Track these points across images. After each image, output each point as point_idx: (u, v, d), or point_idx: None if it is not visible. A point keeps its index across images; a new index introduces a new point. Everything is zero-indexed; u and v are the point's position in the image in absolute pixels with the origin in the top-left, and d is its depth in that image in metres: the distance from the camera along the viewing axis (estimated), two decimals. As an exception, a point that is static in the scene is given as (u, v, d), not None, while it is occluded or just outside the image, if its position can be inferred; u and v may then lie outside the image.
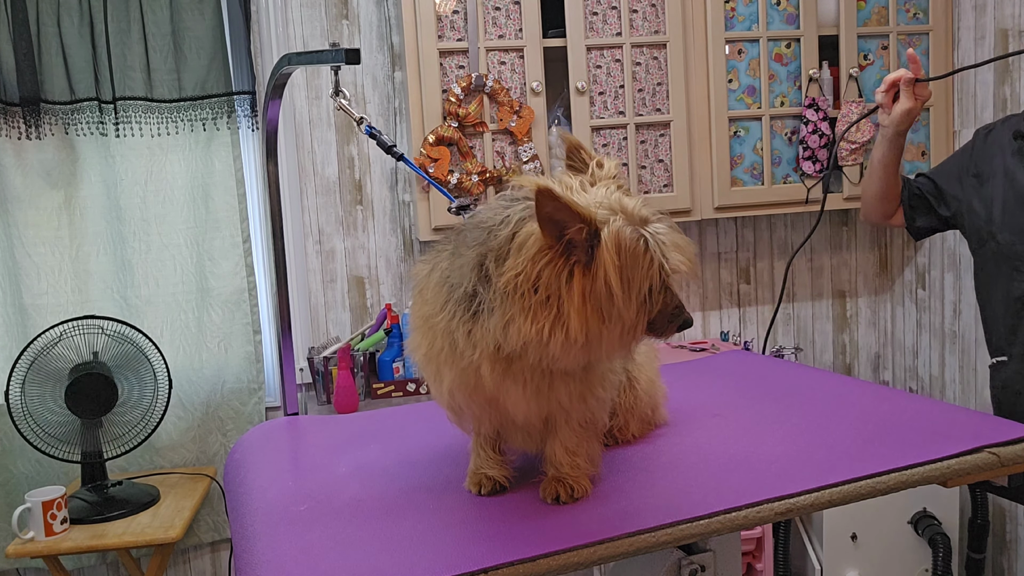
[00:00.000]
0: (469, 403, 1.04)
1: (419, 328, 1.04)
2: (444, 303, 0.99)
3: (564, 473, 1.06)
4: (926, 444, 1.13)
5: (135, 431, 2.50)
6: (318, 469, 1.24)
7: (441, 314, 0.99)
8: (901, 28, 2.86)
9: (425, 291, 1.04)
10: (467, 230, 1.01)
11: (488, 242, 0.95)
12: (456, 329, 0.98)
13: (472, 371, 0.99)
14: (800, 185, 2.85)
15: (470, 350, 0.97)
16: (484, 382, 0.99)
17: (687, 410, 1.39)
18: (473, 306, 0.96)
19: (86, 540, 2.26)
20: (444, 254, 1.04)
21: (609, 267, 0.90)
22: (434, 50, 2.58)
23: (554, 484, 1.06)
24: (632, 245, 0.92)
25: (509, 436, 1.12)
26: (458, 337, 0.98)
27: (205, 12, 2.63)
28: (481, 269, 0.95)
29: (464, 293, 0.97)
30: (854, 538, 2.68)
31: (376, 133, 1.34)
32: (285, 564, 0.93)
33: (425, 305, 1.03)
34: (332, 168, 2.86)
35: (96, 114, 2.61)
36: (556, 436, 1.08)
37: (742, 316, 3.22)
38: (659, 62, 2.74)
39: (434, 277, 1.03)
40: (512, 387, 0.99)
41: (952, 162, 2.07)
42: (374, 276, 2.92)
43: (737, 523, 0.99)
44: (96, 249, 2.67)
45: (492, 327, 0.94)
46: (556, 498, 1.05)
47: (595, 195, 0.96)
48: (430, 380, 1.06)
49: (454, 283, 0.99)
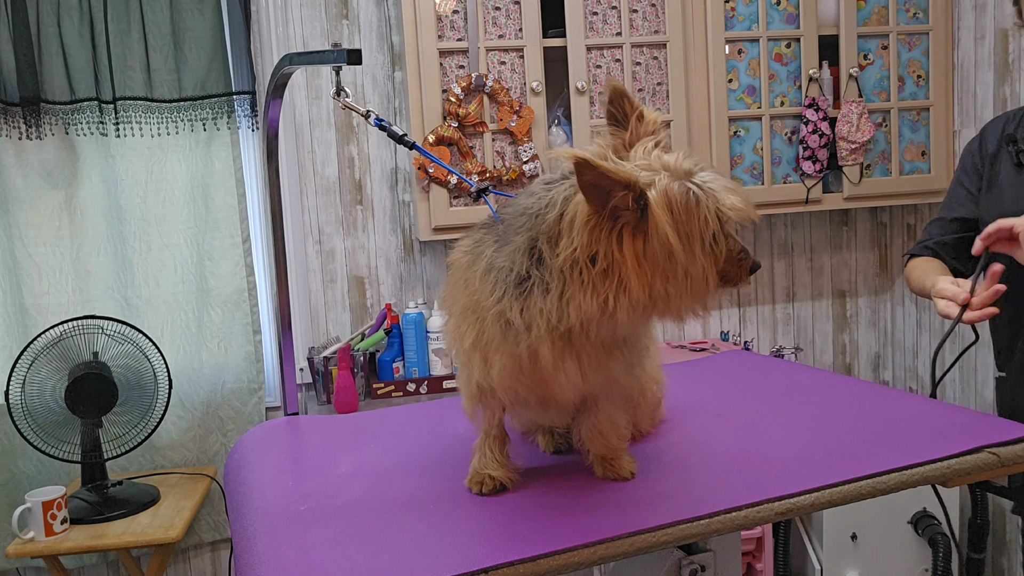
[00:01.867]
0: (516, 385, 1.04)
1: (465, 317, 1.04)
2: (493, 289, 1.00)
3: (612, 446, 1.11)
4: (926, 444, 1.13)
5: (135, 431, 2.50)
6: (318, 469, 1.24)
7: (491, 300, 1.00)
8: (901, 28, 2.86)
9: (471, 281, 1.04)
10: (510, 219, 1.02)
11: (537, 226, 0.96)
12: (509, 313, 0.98)
13: (528, 353, 0.99)
14: (800, 185, 2.85)
15: (525, 333, 0.98)
16: (543, 362, 0.99)
17: (687, 410, 1.39)
18: (526, 288, 0.97)
19: (86, 540, 2.26)
20: (487, 244, 1.04)
21: (665, 226, 0.90)
22: (434, 50, 2.58)
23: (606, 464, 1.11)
24: (683, 199, 0.92)
25: (538, 418, 1.14)
26: (513, 319, 0.98)
27: (205, 12, 2.63)
28: (533, 252, 0.97)
29: (517, 277, 0.98)
30: (854, 538, 2.68)
31: (386, 124, 1.33)
32: (285, 564, 0.93)
33: (472, 294, 1.03)
34: (332, 168, 2.86)
35: (96, 114, 2.61)
36: (597, 413, 1.10)
37: (742, 316, 3.22)
38: (659, 62, 2.74)
39: (480, 266, 1.03)
40: (571, 364, 1.00)
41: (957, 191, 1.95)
42: (374, 276, 2.92)
43: (737, 523, 0.99)
44: (96, 249, 2.67)
45: (548, 307, 0.95)
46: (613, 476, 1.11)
47: (634, 158, 0.96)
48: (476, 367, 1.05)
49: (505, 270, 0.99)
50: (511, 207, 1.04)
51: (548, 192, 0.98)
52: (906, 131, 2.90)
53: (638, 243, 0.91)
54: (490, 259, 1.01)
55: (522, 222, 0.99)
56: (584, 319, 0.94)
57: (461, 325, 1.05)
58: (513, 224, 1.01)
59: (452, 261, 1.11)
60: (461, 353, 1.07)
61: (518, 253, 0.98)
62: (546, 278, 0.95)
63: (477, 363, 1.04)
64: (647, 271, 0.91)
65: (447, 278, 1.14)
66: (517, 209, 1.02)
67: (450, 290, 1.10)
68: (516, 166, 2.64)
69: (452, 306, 1.08)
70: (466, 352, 1.05)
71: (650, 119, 1.00)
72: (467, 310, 1.04)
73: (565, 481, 1.12)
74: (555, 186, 0.98)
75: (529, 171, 2.64)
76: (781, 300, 3.25)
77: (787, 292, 3.25)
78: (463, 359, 1.08)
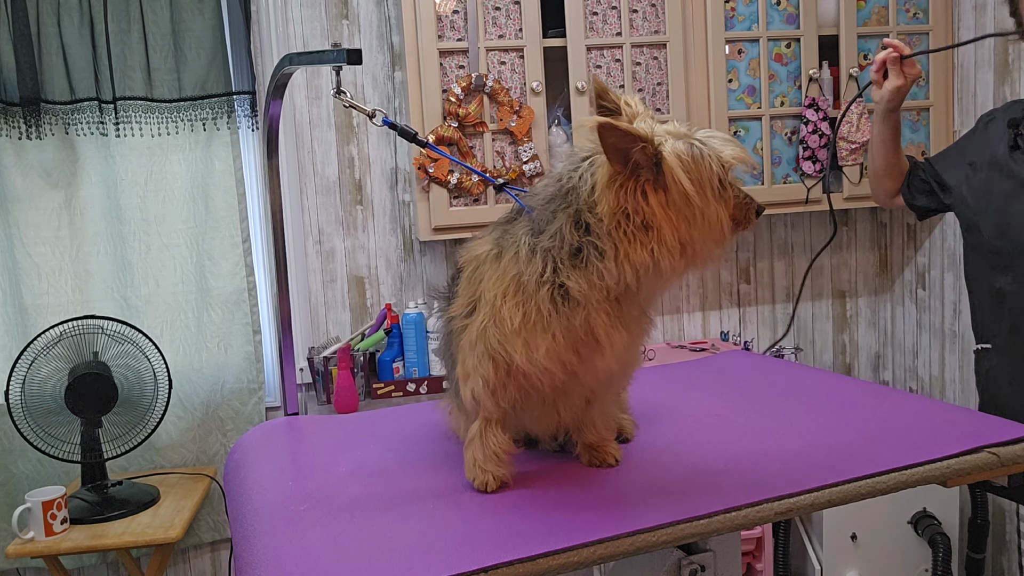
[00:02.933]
0: (557, 366, 1.06)
1: (507, 302, 1.06)
2: (543, 268, 1.04)
3: (601, 436, 1.18)
4: (926, 444, 1.13)
5: (135, 431, 2.50)
6: (318, 469, 1.24)
7: (545, 276, 1.04)
8: (901, 28, 2.86)
9: (508, 268, 1.06)
10: (540, 206, 1.07)
11: (576, 201, 1.03)
12: (569, 282, 1.03)
13: (584, 326, 1.05)
14: (800, 185, 2.85)
15: (583, 303, 1.04)
16: (598, 331, 1.05)
17: (687, 410, 1.39)
18: (582, 258, 1.03)
19: (86, 540, 2.26)
20: (518, 234, 1.07)
21: (679, 174, 1.00)
22: (434, 50, 2.58)
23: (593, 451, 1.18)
24: (690, 151, 1.02)
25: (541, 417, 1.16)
26: (572, 287, 1.03)
27: (205, 12, 2.63)
28: (579, 225, 1.03)
29: (570, 249, 1.03)
30: (854, 538, 2.68)
31: (395, 123, 1.33)
32: (285, 564, 0.93)
33: (512, 279, 1.06)
34: (332, 168, 2.86)
35: (96, 114, 2.61)
36: (595, 404, 1.17)
37: (742, 316, 3.22)
38: (659, 62, 2.74)
39: (520, 252, 1.06)
40: (619, 334, 1.07)
41: (953, 148, 2.11)
42: (374, 276, 2.92)
43: (737, 523, 0.99)
44: (96, 249, 2.67)
45: (607, 268, 1.02)
46: (599, 463, 1.18)
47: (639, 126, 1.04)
48: (515, 351, 1.06)
49: (556, 248, 1.04)
50: (536, 196, 1.09)
51: (574, 172, 1.05)
52: (906, 131, 2.90)
53: (660, 195, 1.00)
54: (531, 244, 1.06)
55: (557, 203, 1.05)
56: (640, 274, 1.02)
57: (503, 310, 1.06)
58: (547, 209, 1.06)
59: (472, 258, 1.12)
60: (493, 341, 1.07)
61: (565, 228, 1.04)
62: (598, 244, 1.02)
63: (520, 347, 1.05)
64: (672, 218, 1.00)
65: (463, 275, 1.13)
66: (545, 196, 1.07)
67: (472, 284, 1.11)
68: (516, 166, 2.64)
69: (475, 299, 1.10)
70: (507, 337, 1.06)
71: (636, 102, 1.11)
72: (507, 295, 1.06)
73: (564, 481, 1.13)
74: (579, 167, 1.05)
75: (529, 171, 2.64)
76: (781, 300, 3.25)
77: (787, 292, 3.25)
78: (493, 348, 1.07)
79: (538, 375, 1.07)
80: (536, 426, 1.20)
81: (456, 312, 1.14)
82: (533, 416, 1.16)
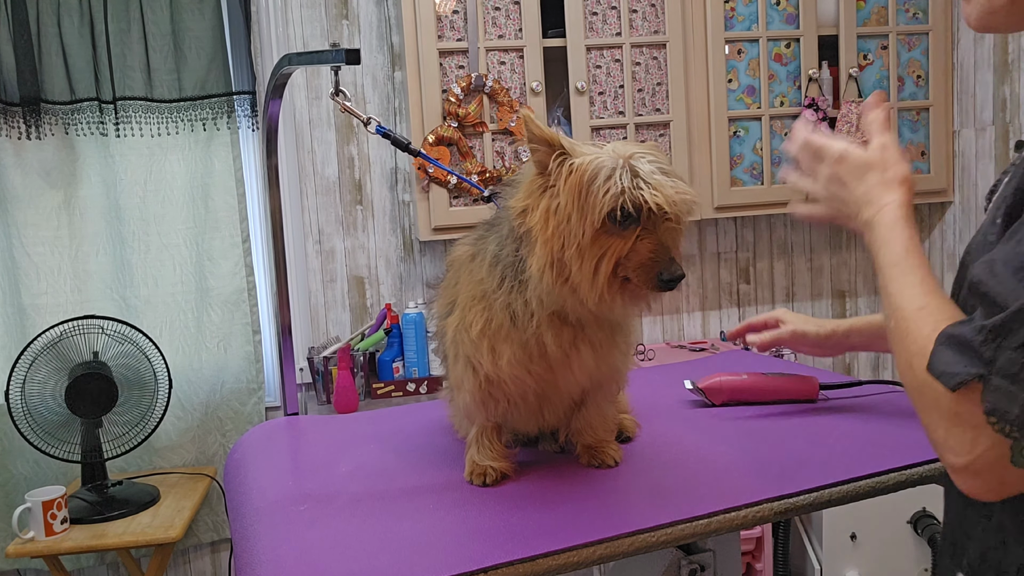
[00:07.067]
0: (524, 375, 1.05)
1: (471, 307, 1.06)
2: (501, 280, 1.02)
3: (600, 438, 1.15)
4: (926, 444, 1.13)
5: (135, 431, 2.50)
6: (318, 469, 1.24)
7: (500, 291, 1.03)
8: (901, 28, 2.86)
9: (475, 272, 1.06)
10: (502, 212, 1.05)
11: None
12: (515, 302, 1.02)
13: (534, 341, 1.02)
14: (800, 185, 2.85)
15: (530, 321, 1.01)
16: (548, 350, 1.02)
17: (687, 410, 1.39)
18: (526, 271, 0.99)
19: (86, 540, 2.26)
20: (490, 238, 1.07)
21: (562, 182, 0.94)
22: (434, 50, 2.58)
23: (592, 452, 1.15)
24: (593, 166, 0.94)
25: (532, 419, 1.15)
26: (517, 310, 1.01)
27: (205, 12, 2.63)
28: (512, 232, 1.01)
29: (513, 264, 1.01)
30: (854, 538, 2.68)
31: (389, 132, 1.33)
32: (285, 564, 0.93)
33: (478, 284, 1.05)
34: (332, 168, 2.86)
35: (96, 114, 2.61)
36: (588, 407, 1.15)
37: (742, 316, 3.22)
38: (659, 62, 2.74)
39: (486, 259, 1.05)
40: (585, 350, 1.04)
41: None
42: (374, 276, 2.92)
43: (737, 523, 0.99)
44: (96, 249, 2.67)
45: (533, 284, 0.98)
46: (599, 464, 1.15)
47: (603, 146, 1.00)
48: (482, 357, 1.05)
49: (505, 260, 1.02)
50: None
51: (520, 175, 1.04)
52: (906, 131, 2.90)
53: (553, 201, 0.95)
54: (493, 253, 1.04)
55: (507, 213, 1.03)
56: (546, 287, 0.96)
57: (467, 316, 1.06)
58: (502, 215, 1.05)
59: (454, 259, 1.12)
60: (466, 344, 1.06)
61: (508, 240, 1.02)
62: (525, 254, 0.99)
63: (483, 353, 1.05)
64: (550, 228, 0.94)
65: (446, 276, 1.14)
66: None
67: (451, 286, 1.11)
68: (516, 166, 2.64)
69: (461, 297, 1.09)
70: (473, 342, 1.05)
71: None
72: (474, 299, 1.05)
73: (564, 481, 1.13)
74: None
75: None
76: (781, 300, 3.25)
77: (787, 292, 3.25)
78: (467, 352, 1.07)
79: (509, 382, 1.06)
80: (526, 428, 1.20)
81: (437, 312, 1.15)
82: (521, 419, 1.16)
